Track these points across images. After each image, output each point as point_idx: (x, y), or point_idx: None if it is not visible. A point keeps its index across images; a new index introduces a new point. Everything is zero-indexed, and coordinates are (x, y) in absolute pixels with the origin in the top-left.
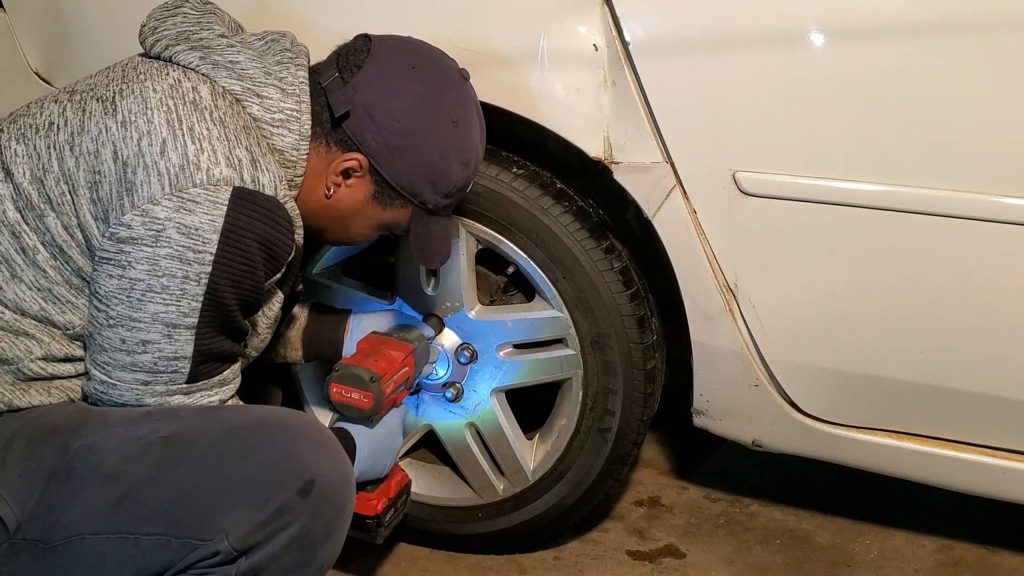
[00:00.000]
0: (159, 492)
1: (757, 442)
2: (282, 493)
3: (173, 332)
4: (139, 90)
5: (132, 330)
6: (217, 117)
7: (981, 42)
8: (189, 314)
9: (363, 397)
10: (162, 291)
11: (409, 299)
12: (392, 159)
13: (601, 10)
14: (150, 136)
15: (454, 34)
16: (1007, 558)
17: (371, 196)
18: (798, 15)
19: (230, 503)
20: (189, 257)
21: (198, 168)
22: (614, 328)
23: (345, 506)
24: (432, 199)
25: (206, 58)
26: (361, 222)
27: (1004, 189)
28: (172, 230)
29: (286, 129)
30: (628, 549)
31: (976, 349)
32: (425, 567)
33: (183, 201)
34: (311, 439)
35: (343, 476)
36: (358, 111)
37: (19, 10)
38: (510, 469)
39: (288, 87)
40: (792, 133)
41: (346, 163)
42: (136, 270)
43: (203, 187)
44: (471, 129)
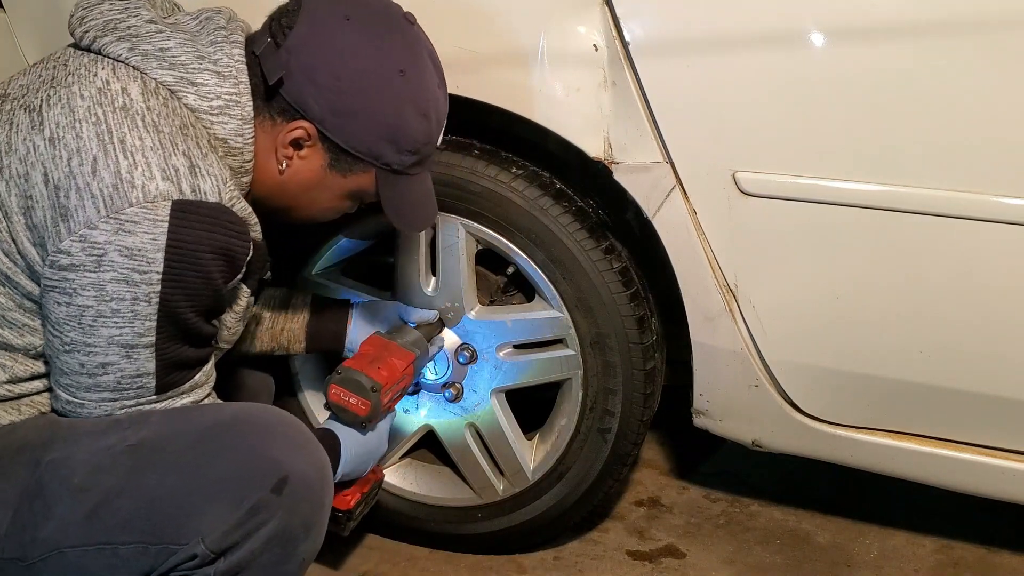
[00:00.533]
0: (132, 500)
1: (757, 442)
2: (255, 492)
3: (131, 352)
4: (66, 97)
5: (89, 355)
6: (150, 121)
7: (981, 42)
8: (145, 333)
9: (361, 404)
10: (112, 315)
11: (409, 299)
12: (341, 122)
13: (601, 10)
14: (80, 155)
15: (454, 34)
16: (1007, 558)
17: (328, 165)
18: (798, 15)
19: (204, 505)
20: (135, 279)
21: (133, 186)
22: (614, 328)
23: (323, 500)
24: (396, 159)
25: (135, 48)
26: (325, 194)
27: (1004, 189)
28: (114, 253)
29: (226, 116)
30: (628, 549)
31: (976, 349)
32: (425, 567)
33: (121, 223)
34: (284, 435)
35: (318, 470)
36: (294, 75)
37: (19, 10)
38: (510, 469)
39: (224, 69)
40: (792, 133)
41: (292, 133)
42: (83, 297)
43: (140, 205)
44: (423, 76)
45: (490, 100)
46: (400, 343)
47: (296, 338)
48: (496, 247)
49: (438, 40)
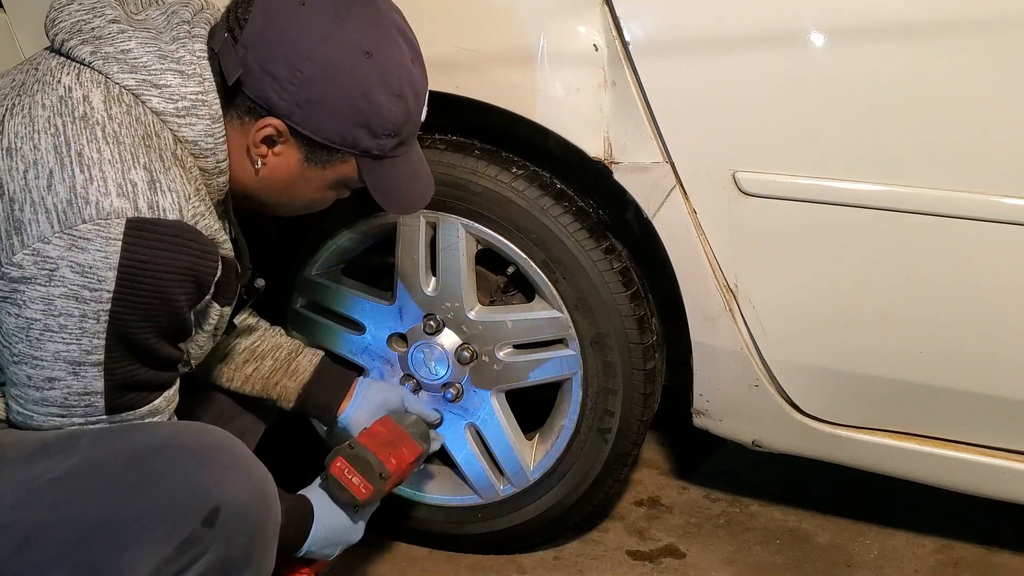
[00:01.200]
0: (59, 535)
1: (757, 442)
2: (186, 525)
3: (78, 369)
4: (28, 106)
5: (36, 368)
6: (111, 132)
7: (981, 42)
8: (92, 351)
9: (364, 487)
10: (60, 330)
11: (408, 300)
12: (308, 115)
13: (601, 10)
14: (36, 167)
15: (454, 34)
16: (1007, 558)
17: (304, 159)
18: (798, 15)
19: (132, 541)
20: (85, 296)
21: (87, 202)
22: (614, 328)
23: (263, 525)
24: (374, 144)
25: (97, 51)
26: (307, 188)
27: (1004, 189)
28: (65, 269)
29: (194, 116)
30: (628, 549)
31: (976, 349)
32: (425, 567)
33: (74, 239)
34: (216, 460)
35: (256, 494)
36: (254, 71)
37: (19, 10)
38: (510, 469)
39: (187, 67)
40: (792, 133)
41: (262, 132)
42: (31, 309)
43: (93, 222)
44: (391, 53)
45: (490, 100)
46: (411, 433)
47: (287, 396)
48: (496, 247)
49: (438, 40)
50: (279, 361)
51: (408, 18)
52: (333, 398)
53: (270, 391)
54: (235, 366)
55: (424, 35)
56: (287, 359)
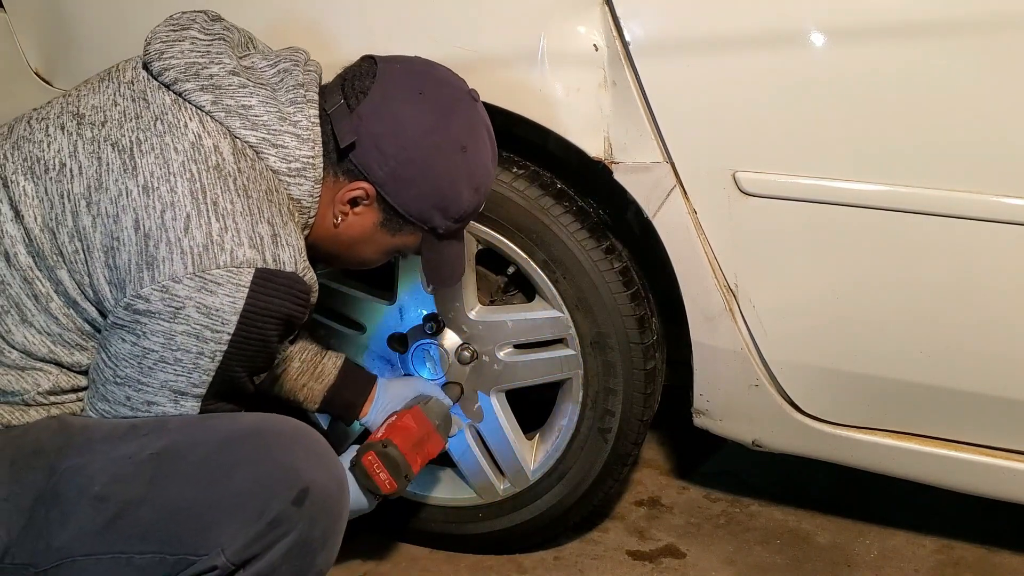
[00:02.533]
0: (152, 510)
1: (757, 442)
2: (276, 504)
3: (180, 399)
4: (159, 147)
5: (139, 391)
6: (241, 184)
7: (981, 42)
8: (199, 385)
9: (389, 483)
10: (175, 363)
11: (409, 300)
12: (400, 188)
13: (601, 10)
14: (174, 209)
15: (454, 34)
16: (1007, 558)
17: (379, 224)
18: (798, 15)
19: (225, 517)
20: (207, 336)
21: (222, 249)
22: (614, 328)
23: (341, 512)
24: (442, 224)
25: (218, 102)
26: (370, 248)
27: (1004, 189)
28: (192, 309)
29: (303, 178)
30: (628, 549)
31: (976, 349)
32: (425, 567)
33: (205, 282)
34: (304, 446)
35: (337, 482)
36: (364, 141)
37: (19, 10)
38: (510, 469)
39: (303, 132)
40: (792, 133)
41: (352, 192)
42: (151, 341)
43: (226, 269)
44: (481, 153)
45: (490, 100)
46: (438, 426)
47: (312, 399)
48: (496, 247)
49: (438, 41)
50: (305, 363)
51: (409, 18)
52: (356, 399)
53: (296, 393)
54: None
55: (424, 35)
56: (313, 360)
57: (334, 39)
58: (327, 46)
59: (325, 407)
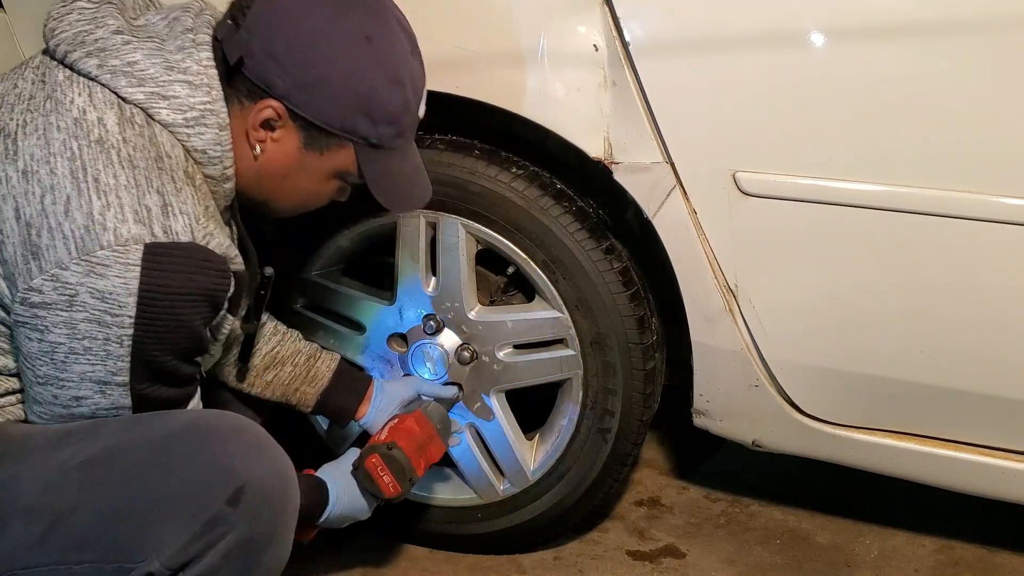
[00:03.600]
0: (85, 518)
1: (757, 442)
2: (211, 504)
3: (105, 388)
4: (43, 127)
5: (62, 388)
6: (125, 155)
7: (981, 42)
8: (117, 373)
9: (393, 486)
10: (85, 352)
11: (408, 300)
12: (307, 96)
13: (601, 10)
14: (54, 193)
15: (454, 34)
16: (1007, 558)
17: (303, 145)
18: (798, 15)
19: (158, 521)
20: (107, 320)
21: (104, 229)
22: (614, 328)
23: (285, 506)
24: (372, 131)
25: (104, 64)
26: (305, 178)
27: (1004, 189)
28: (85, 295)
29: (202, 126)
30: (628, 549)
31: (976, 349)
32: (425, 567)
33: (92, 265)
34: (241, 442)
35: (279, 476)
36: (255, 53)
37: (19, 10)
38: (510, 469)
39: (194, 78)
40: (792, 133)
41: (261, 114)
42: (55, 334)
43: (111, 249)
44: (393, 43)
45: (490, 100)
46: (439, 430)
47: (306, 402)
48: (496, 247)
49: (438, 40)
50: (299, 367)
51: (409, 18)
52: (350, 403)
53: (290, 397)
54: (256, 372)
55: (424, 35)
56: (306, 365)
57: None
58: None
59: (319, 410)
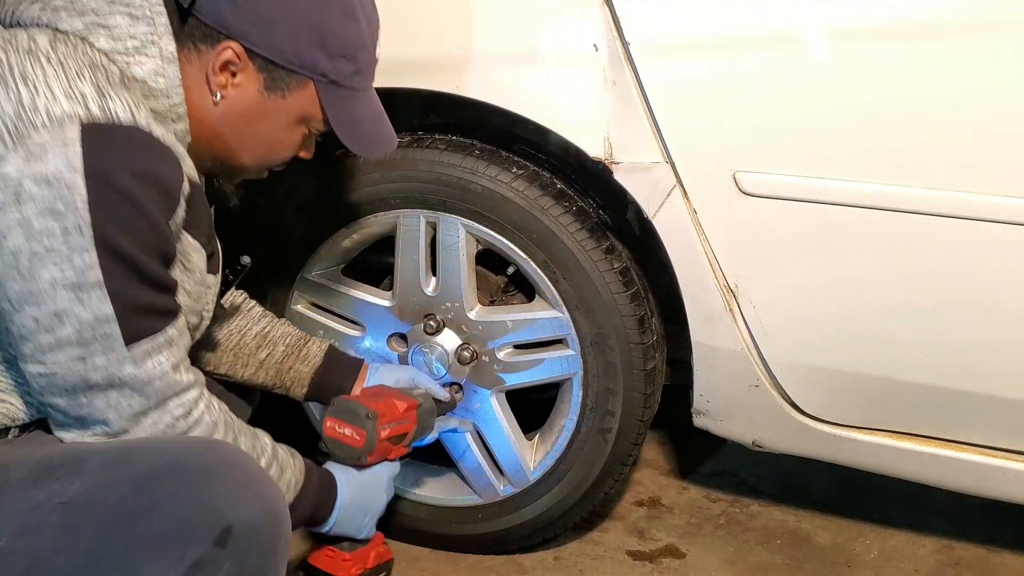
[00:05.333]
0: (68, 560)
1: (757, 442)
2: (196, 547)
3: (81, 295)
4: None
5: (38, 304)
6: (55, 59)
7: (981, 42)
8: (87, 270)
9: (355, 434)
10: (48, 253)
11: (408, 300)
12: (263, 32)
13: (601, 10)
14: None
15: (454, 34)
16: (1007, 558)
17: (264, 87)
18: (798, 15)
19: (144, 563)
20: (59, 208)
21: (36, 110)
22: (614, 328)
23: (275, 544)
24: (330, 67)
25: (46, 7)
26: (270, 124)
27: (1004, 189)
28: (30, 184)
29: (143, 55)
30: (628, 549)
31: (976, 349)
32: (425, 567)
33: (29, 150)
34: (229, 479)
35: (267, 513)
36: None
37: None
38: (510, 469)
39: (136, 10)
40: (792, 133)
41: (220, 56)
42: (12, 240)
43: (45, 129)
44: None
45: (490, 100)
46: (403, 391)
47: (300, 382)
48: (496, 247)
49: (439, 40)
50: (290, 347)
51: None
52: (345, 382)
53: (283, 376)
54: (248, 351)
55: (424, 35)
56: (297, 345)
57: None
58: None
59: (314, 390)
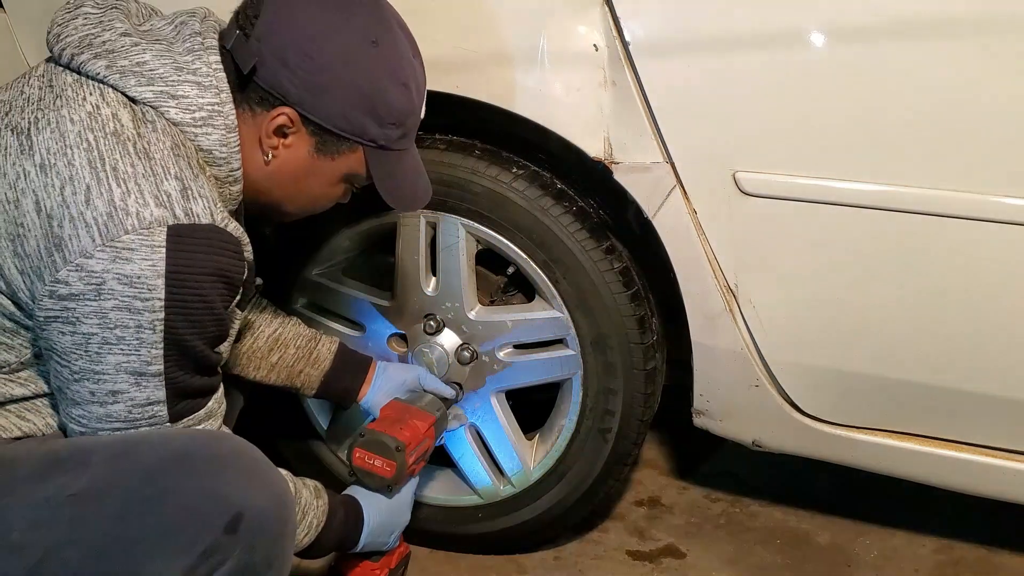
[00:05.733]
0: (78, 551)
1: (757, 442)
2: (207, 534)
3: (140, 380)
4: (55, 121)
5: (98, 382)
6: (141, 148)
7: (981, 42)
8: (152, 362)
9: (386, 466)
10: (118, 342)
11: (408, 300)
12: (319, 100)
13: (601, 10)
14: (73, 183)
15: (454, 34)
16: (1007, 558)
17: (314, 149)
18: (798, 15)
19: (155, 551)
20: (137, 306)
21: (127, 214)
22: (614, 328)
23: (283, 532)
24: (380, 133)
25: (112, 65)
26: (316, 182)
27: (1004, 189)
28: (113, 281)
29: (210, 127)
30: (628, 549)
31: (976, 349)
32: (425, 567)
33: (117, 251)
34: (235, 468)
35: (275, 501)
36: (266, 61)
37: (19, 10)
38: (510, 469)
39: (203, 79)
40: (792, 133)
41: (275, 121)
42: (87, 325)
43: (136, 232)
44: (397, 45)
45: (490, 100)
46: (420, 406)
47: (310, 384)
48: (496, 247)
49: (437, 41)
50: (301, 349)
51: (409, 18)
52: (353, 383)
53: (294, 379)
54: (261, 355)
55: (424, 35)
56: (308, 347)
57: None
58: None
59: (323, 392)
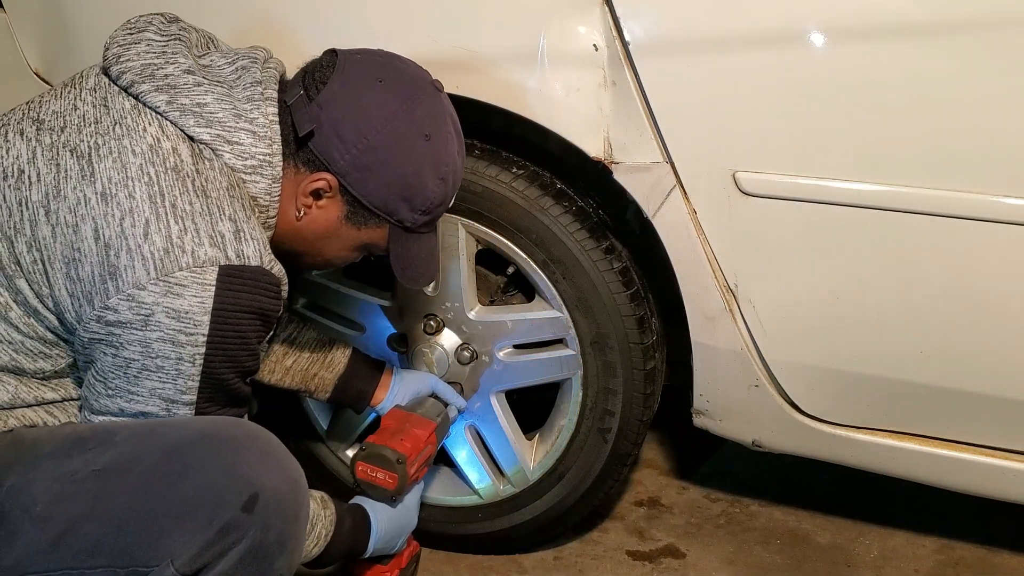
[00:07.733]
0: (99, 525)
1: (757, 442)
2: (225, 511)
3: (171, 406)
4: (117, 151)
5: (130, 402)
6: (199, 185)
7: (981, 42)
8: (186, 392)
9: (388, 478)
10: (157, 371)
11: (408, 300)
12: (362, 178)
13: (601, 10)
14: (132, 216)
15: (454, 34)
16: (1007, 558)
17: (344, 217)
18: (798, 15)
19: (173, 527)
20: (181, 340)
21: (183, 251)
22: (614, 328)
23: (297, 514)
24: (409, 217)
25: (173, 101)
26: (336, 244)
27: (1004, 189)
28: (161, 314)
29: (259, 175)
30: (628, 549)
31: (976, 349)
32: (425, 567)
33: (170, 285)
34: (253, 450)
35: (291, 484)
36: (324, 129)
37: (19, 10)
38: (510, 469)
39: (259, 129)
40: (792, 133)
41: (315, 184)
42: (129, 351)
43: (190, 270)
44: (446, 142)
45: (490, 100)
46: (420, 412)
47: (324, 388)
48: (496, 247)
49: (438, 40)
50: (316, 353)
51: (409, 18)
52: (367, 388)
53: (308, 383)
54: (276, 359)
55: (424, 35)
56: (323, 351)
57: (333, 39)
58: (326, 46)
59: (337, 395)
